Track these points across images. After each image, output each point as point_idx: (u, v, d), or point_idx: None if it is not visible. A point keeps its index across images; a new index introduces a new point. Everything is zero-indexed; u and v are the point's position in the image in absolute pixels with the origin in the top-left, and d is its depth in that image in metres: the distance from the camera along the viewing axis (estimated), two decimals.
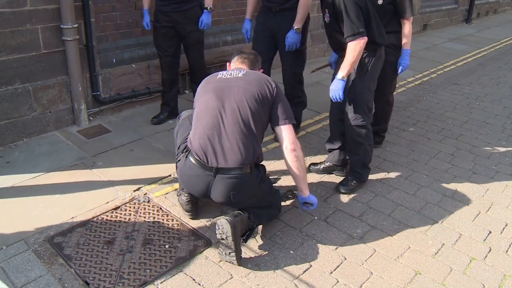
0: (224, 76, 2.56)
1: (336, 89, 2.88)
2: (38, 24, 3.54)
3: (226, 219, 2.33)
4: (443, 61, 7.12)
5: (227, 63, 2.85)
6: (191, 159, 2.45)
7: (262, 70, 2.77)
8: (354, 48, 2.76)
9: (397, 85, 5.73)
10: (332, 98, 2.96)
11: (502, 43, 8.94)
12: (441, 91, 5.67)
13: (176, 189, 3.04)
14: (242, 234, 2.48)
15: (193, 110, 2.68)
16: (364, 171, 3.21)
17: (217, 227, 2.36)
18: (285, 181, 3.28)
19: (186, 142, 2.57)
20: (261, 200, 2.59)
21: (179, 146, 2.62)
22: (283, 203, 2.96)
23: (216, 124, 2.40)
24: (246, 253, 2.49)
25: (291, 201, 3.04)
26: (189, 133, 2.57)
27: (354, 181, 3.19)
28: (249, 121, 2.40)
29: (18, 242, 2.50)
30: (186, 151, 2.52)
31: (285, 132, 2.47)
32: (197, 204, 2.84)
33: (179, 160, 2.55)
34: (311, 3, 3.53)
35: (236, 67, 2.69)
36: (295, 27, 3.49)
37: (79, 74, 3.83)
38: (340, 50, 3.00)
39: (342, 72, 2.84)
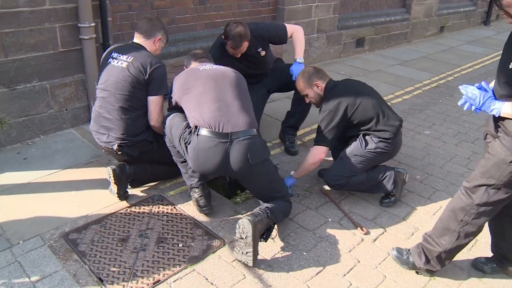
0: (206, 67, 2.78)
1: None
2: (56, 23, 3.59)
3: (248, 219, 2.33)
4: (460, 64, 7.02)
5: (184, 68, 3.01)
6: (204, 132, 2.50)
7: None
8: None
9: (413, 88, 5.72)
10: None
11: None
12: (458, 94, 5.55)
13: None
14: (261, 234, 2.48)
15: (175, 111, 2.78)
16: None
17: (237, 226, 2.36)
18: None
19: (187, 129, 2.61)
20: (272, 175, 2.69)
21: (180, 136, 2.64)
22: (294, 202, 2.96)
23: (221, 96, 2.60)
24: (259, 253, 2.48)
25: (304, 202, 3.03)
26: (187, 122, 2.64)
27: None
28: (245, 94, 2.71)
29: (34, 237, 2.54)
30: (194, 131, 2.55)
31: None
32: (210, 199, 2.84)
33: (189, 142, 2.56)
34: None
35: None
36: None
37: (95, 73, 3.86)
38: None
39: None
